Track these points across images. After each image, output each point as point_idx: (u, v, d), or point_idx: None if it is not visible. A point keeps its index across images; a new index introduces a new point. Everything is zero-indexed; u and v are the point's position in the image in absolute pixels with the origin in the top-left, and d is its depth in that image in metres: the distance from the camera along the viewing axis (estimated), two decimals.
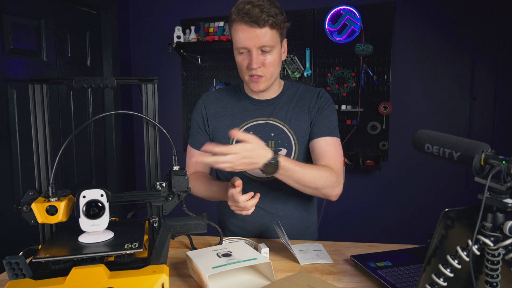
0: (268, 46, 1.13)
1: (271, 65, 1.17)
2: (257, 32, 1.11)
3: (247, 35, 1.12)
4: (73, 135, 0.84)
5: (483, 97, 2.63)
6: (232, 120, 1.29)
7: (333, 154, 1.22)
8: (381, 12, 2.67)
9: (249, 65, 1.15)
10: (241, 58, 1.18)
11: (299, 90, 1.32)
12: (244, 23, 1.11)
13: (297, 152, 1.26)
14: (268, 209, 1.28)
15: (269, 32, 1.12)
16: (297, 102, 1.30)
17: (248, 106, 1.30)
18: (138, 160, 3.31)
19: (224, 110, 1.31)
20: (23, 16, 2.28)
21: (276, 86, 1.30)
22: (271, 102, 1.30)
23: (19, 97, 2.23)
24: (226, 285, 0.89)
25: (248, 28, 1.11)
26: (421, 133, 0.68)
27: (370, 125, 2.75)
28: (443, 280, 0.60)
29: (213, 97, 1.35)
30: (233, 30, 1.16)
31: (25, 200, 0.83)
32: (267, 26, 1.11)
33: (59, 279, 0.71)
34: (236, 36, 1.15)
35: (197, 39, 2.86)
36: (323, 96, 1.29)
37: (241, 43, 1.14)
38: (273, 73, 1.20)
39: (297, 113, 1.28)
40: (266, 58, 1.15)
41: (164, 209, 0.92)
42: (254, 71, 1.16)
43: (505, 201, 0.54)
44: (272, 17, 1.10)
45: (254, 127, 1.27)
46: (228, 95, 1.34)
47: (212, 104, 1.33)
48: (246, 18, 1.09)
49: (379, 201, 2.85)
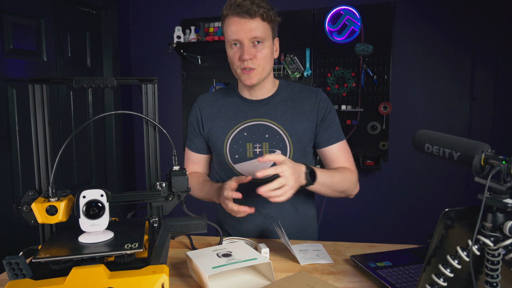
0: (259, 38, 1.15)
1: (262, 58, 1.18)
2: (249, 23, 1.14)
3: (239, 27, 1.14)
4: (73, 135, 0.84)
5: (483, 97, 2.63)
6: (226, 122, 1.28)
7: (346, 157, 1.28)
8: (381, 12, 2.67)
9: (241, 56, 1.17)
10: (232, 51, 1.20)
11: (294, 90, 1.31)
12: (236, 15, 1.14)
13: (291, 153, 1.25)
14: (263, 211, 1.27)
15: (261, 24, 1.15)
16: (293, 102, 1.28)
17: (243, 107, 1.29)
18: (138, 160, 3.31)
19: (219, 112, 1.31)
20: (23, 16, 2.28)
21: (270, 85, 1.29)
22: (265, 102, 1.28)
23: (19, 97, 2.23)
24: (226, 285, 0.89)
25: (240, 20, 1.14)
26: (421, 133, 0.68)
27: (370, 125, 2.75)
28: (443, 280, 0.60)
29: (207, 100, 1.35)
30: (225, 25, 1.19)
31: (25, 200, 0.83)
32: (258, 17, 1.14)
33: (59, 279, 0.71)
34: (229, 29, 1.17)
35: (197, 39, 2.86)
36: (322, 100, 1.28)
37: (233, 36, 1.16)
38: (265, 66, 1.20)
39: (293, 114, 1.26)
40: (258, 50, 1.17)
41: (164, 209, 0.92)
42: (246, 63, 1.17)
43: (505, 201, 0.54)
44: (263, 8, 1.14)
45: (248, 128, 1.26)
46: (222, 97, 1.34)
47: (206, 107, 1.33)
48: (237, 10, 1.13)
49: (379, 201, 2.85)
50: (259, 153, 1.24)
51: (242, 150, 1.25)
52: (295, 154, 1.25)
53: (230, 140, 1.26)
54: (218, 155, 1.30)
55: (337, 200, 2.91)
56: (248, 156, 1.25)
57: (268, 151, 1.24)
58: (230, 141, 1.26)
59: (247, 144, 1.25)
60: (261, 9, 1.13)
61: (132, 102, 3.25)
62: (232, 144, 1.26)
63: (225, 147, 1.26)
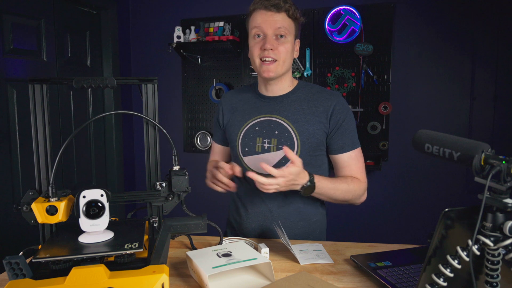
0: (283, 32, 1.19)
1: (284, 51, 1.20)
2: (275, 16, 1.18)
3: (265, 18, 1.19)
4: (73, 135, 0.84)
5: (483, 97, 2.62)
6: (242, 116, 1.32)
7: (358, 166, 1.27)
8: (381, 12, 2.67)
9: (263, 46, 1.19)
10: (255, 41, 1.22)
11: (313, 90, 1.30)
12: (263, 8, 1.19)
13: (298, 152, 1.24)
14: (270, 208, 1.28)
15: (286, 19, 1.19)
16: (308, 102, 1.27)
17: (258, 103, 1.33)
18: (138, 160, 3.31)
19: (237, 107, 1.36)
20: (23, 16, 2.28)
21: (287, 83, 1.30)
22: (279, 99, 1.30)
23: (19, 97, 2.23)
24: (226, 285, 0.89)
25: (266, 12, 1.19)
26: (421, 133, 0.68)
27: (370, 125, 2.75)
28: (443, 280, 0.60)
29: (229, 96, 1.42)
30: (251, 18, 1.23)
31: (25, 200, 0.83)
32: (284, 12, 1.18)
33: (59, 279, 0.71)
34: (254, 21, 1.21)
35: (197, 39, 2.86)
36: (339, 104, 1.25)
37: (258, 26, 1.20)
38: (285, 60, 1.22)
39: (307, 114, 1.25)
40: (280, 43, 1.20)
41: (164, 209, 0.93)
42: (267, 52, 1.19)
43: (505, 201, 0.54)
44: (290, 4, 1.19)
45: (260, 123, 1.28)
46: (243, 93, 1.39)
47: (228, 101, 1.39)
48: (266, 3, 1.18)
49: (379, 201, 2.85)
50: (267, 148, 1.26)
51: (252, 144, 1.28)
52: (302, 153, 1.24)
53: (243, 133, 1.30)
54: (232, 147, 1.35)
55: None
56: (257, 150, 1.27)
57: (275, 148, 1.25)
58: (243, 134, 1.30)
59: (257, 138, 1.28)
60: (288, 4, 1.18)
61: (132, 102, 3.25)
62: (244, 137, 1.29)
63: (238, 140, 1.30)
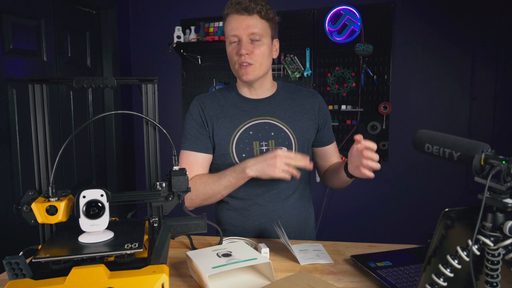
0: (257, 35, 1.19)
1: (260, 54, 1.21)
2: (247, 20, 1.19)
3: (238, 23, 1.19)
4: (73, 135, 0.84)
5: (483, 97, 2.63)
6: (230, 121, 1.28)
7: (338, 154, 1.46)
8: (381, 12, 2.67)
9: (238, 51, 1.20)
10: (231, 47, 1.24)
11: (291, 89, 1.38)
12: (235, 12, 1.19)
13: (296, 150, 1.28)
14: (268, 205, 1.28)
15: (259, 21, 1.20)
16: (293, 101, 1.34)
17: (245, 107, 1.31)
18: (138, 160, 3.31)
19: (221, 112, 1.30)
20: (23, 16, 2.28)
21: (269, 84, 1.34)
22: (267, 101, 1.32)
23: (19, 97, 2.23)
24: (226, 285, 0.89)
25: (239, 17, 1.19)
26: (421, 133, 0.68)
27: (370, 125, 2.75)
28: (443, 280, 0.60)
29: (208, 99, 1.33)
30: (226, 23, 1.24)
31: (25, 200, 0.82)
32: (256, 14, 1.19)
33: (59, 279, 0.70)
34: (228, 26, 1.22)
35: (197, 39, 2.86)
36: (321, 102, 1.37)
37: (232, 32, 1.21)
38: (262, 63, 1.23)
39: (296, 112, 1.32)
40: (255, 47, 1.21)
41: (164, 209, 0.92)
42: (243, 57, 1.20)
43: (505, 201, 0.54)
44: (261, 6, 1.19)
45: (253, 126, 1.28)
46: (223, 96, 1.34)
47: (209, 106, 1.31)
48: (237, 7, 1.19)
49: (379, 201, 2.85)
50: (265, 150, 1.26)
51: (249, 149, 1.26)
52: (299, 150, 1.29)
53: (236, 139, 1.27)
54: (222, 155, 1.27)
55: (337, 200, 2.91)
56: (255, 154, 1.26)
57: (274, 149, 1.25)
58: (236, 140, 1.27)
59: (253, 142, 1.27)
60: (259, 6, 1.19)
61: (132, 102, 3.25)
62: (238, 143, 1.26)
63: (231, 147, 1.26)
